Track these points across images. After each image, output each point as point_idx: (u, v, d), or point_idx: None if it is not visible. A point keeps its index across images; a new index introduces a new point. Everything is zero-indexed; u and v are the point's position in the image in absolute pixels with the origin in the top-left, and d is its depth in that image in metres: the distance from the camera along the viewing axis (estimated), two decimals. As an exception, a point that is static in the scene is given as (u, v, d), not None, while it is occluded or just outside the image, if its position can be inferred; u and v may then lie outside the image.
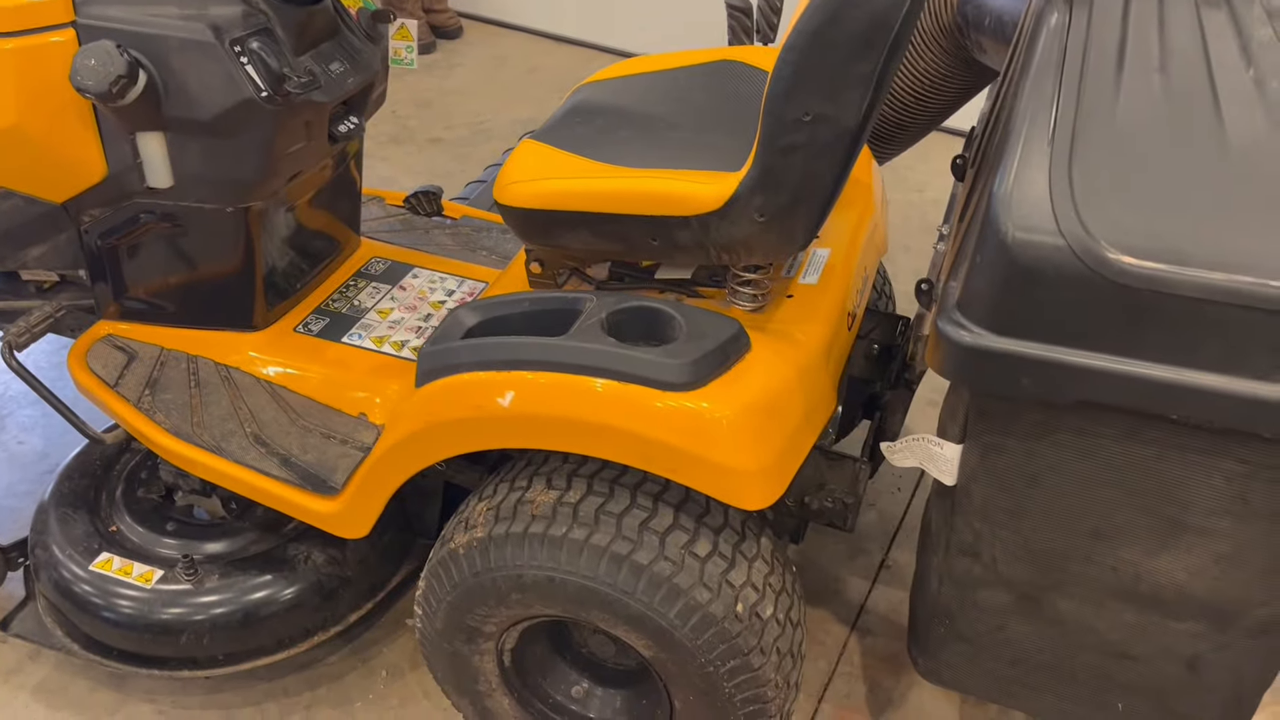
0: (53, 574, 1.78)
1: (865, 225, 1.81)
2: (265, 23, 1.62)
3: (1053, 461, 1.22)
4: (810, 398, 1.47)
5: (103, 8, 1.55)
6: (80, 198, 1.68)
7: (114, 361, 1.82)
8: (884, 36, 1.24)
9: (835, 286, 1.63)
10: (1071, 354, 1.11)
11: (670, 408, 1.34)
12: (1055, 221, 1.07)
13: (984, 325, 1.15)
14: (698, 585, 1.39)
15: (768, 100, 1.29)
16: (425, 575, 1.58)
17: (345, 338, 1.90)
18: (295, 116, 1.65)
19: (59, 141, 1.61)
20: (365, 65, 1.79)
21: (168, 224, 1.73)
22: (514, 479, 1.53)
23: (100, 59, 1.48)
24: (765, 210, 1.36)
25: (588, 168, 1.50)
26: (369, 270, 2.09)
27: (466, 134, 3.80)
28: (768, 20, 1.92)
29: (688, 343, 1.38)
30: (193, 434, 1.73)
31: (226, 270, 1.80)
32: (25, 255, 1.80)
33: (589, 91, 1.75)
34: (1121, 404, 1.13)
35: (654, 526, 1.42)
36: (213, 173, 1.65)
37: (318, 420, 1.76)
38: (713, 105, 1.68)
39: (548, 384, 1.38)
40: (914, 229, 3.31)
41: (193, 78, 1.55)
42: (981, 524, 1.32)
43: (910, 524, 2.27)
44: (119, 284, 1.82)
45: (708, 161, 1.47)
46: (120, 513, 1.86)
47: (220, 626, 1.73)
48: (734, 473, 1.34)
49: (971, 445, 1.26)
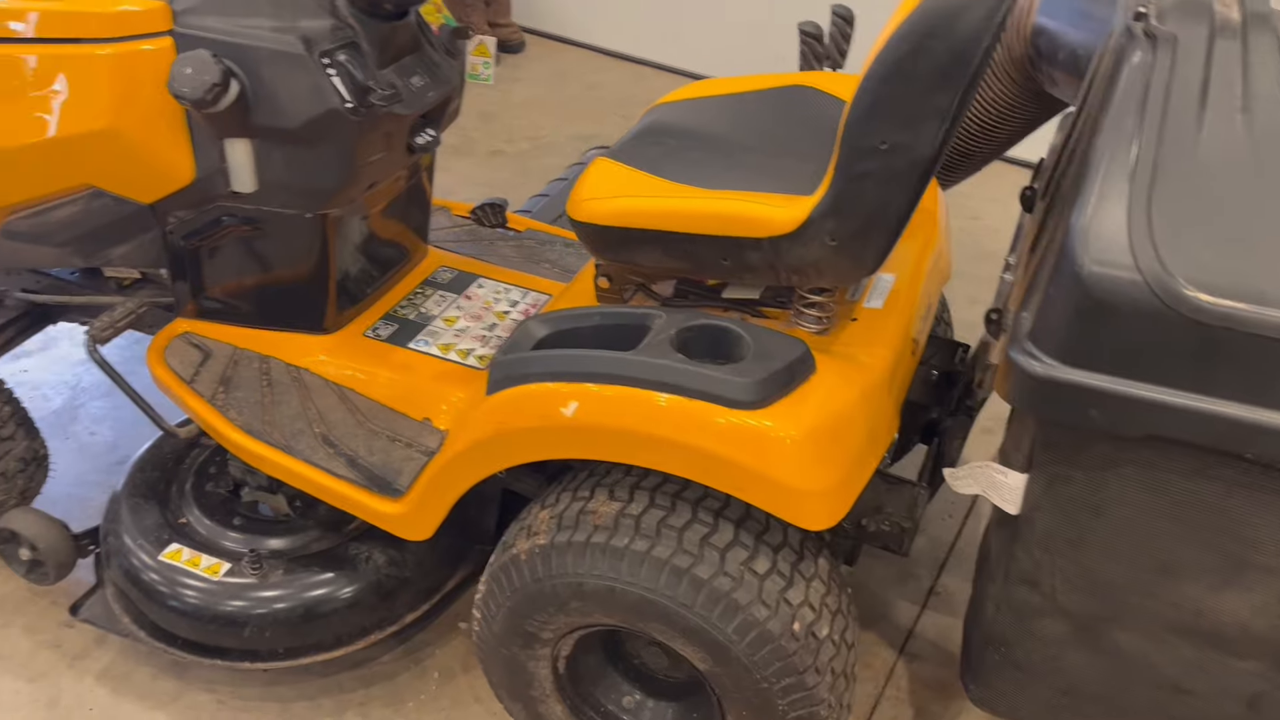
0: (123, 562, 1.84)
1: (930, 252, 1.83)
2: (352, 36, 1.67)
3: (1118, 494, 1.23)
4: (874, 421, 1.49)
5: (200, 18, 1.61)
6: (167, 199, 1.74)
7: (190, 359, 1.87)
8: (963, 70, 1.26)
9: (900, 311, 1.65)
10: (1143, 388, 1.13)
11: (737, 425, 1.36)
12: (1133, 256, 1.08)
13: (1055, 356, 1.16)
14: (756, 602, 1.41)
15: (846, 127, 1.31)
16: (486, 579, 1.61)
17: (412, 344, 1.94)
18: (377, 127, 1.70)
19: (152, 144, 1.67)
20: (444, 79, 1.84)
21: (248, 227, 1.78)
22: (576, 489, 1.56)
23: (197, 67, 1.54)
24: (837, 235, 1.38)
25: (662, 187, 1.53)
26: (436, 279, 2.13)
27: (527, 147, 3.85)
28: (838, 47, 1.94)
29: (755, 362, 1.41)
30: (263, 432, 1.78)
31: (301, 274, 1.85)
32: (111, 253, 1.87)
33: (662, 112, 1.79)
34: (1192, 440, 1.14)
35: (715, 542, 1.44)
36: (295, 179, 1.70)
37: (384, 423, 1.80)
38: (785, 129, 1.70)
39: (617, 397, 1.41)
40: (969, 255, 3.31)
41: (282, 87, 1.61)
42: (1042, 553, 1.33)
43: (961, 550, 2.27)
44: (198, 283, 1.87)
45: (780, 185, 1.50)
46: (190, 505, 1.91)
47: (282, 621, 1.77)
48: (798, 493, 1.36)
49: (1036, 474, 1.27)
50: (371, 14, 1.70)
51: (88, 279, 2.07)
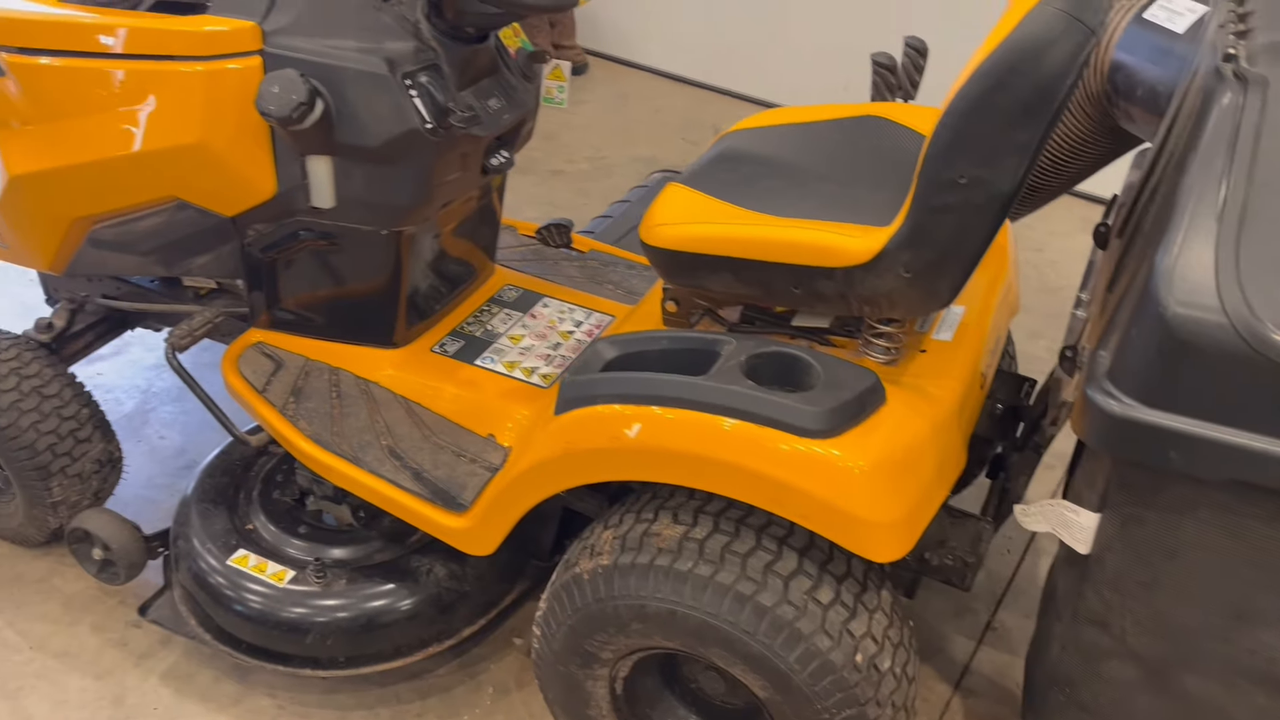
0: (191, 565, 1.88)
1: (1000, 285, 1.82)
2: (434, 59, 1.70)
3: (1195, 538, 1.21)
4: (942, 454, 1.48)
5: (289, 39, 1.66)
6: (248, 213, 1.79)
7: (262, 368, 1.91)
8: (1046, 107, 1.26)
9: (970, 344, 1.64)
10: (1225, 432, 1.11)
11: (806, 453, 1.37)
12: (1219, 298, 1.07)
13: (1134, 396, 1.15)
14: (819, 632, 1.41)
15: (925, 160, 1.32)
16: (547, 597, 1.62)
17: (478, 360, 1.97)
18: (454, 148, 1.73)
19: (237, 160, 1.72)
20: (520, 102, 1.87)
21: (325, 242, 1.83)
22: (640, 510, 1.57)
23: (284, 86, 1.58)
24: (912, 267, 1.38)
25: (736, 214, 1.54)
26: (502, 297, 2.16)
27: (587, 168, 3.89)
28: (910, 78, 1.95)
29: (825, 391, 1.41)
30: (332, 442, 1.81)
31: (374, 289, 1.89)
32: (192, 263, 1.92)
33: (735, 139, 1.80)
34: (1274, 486, 1.12)
35: (779, 570, 1.44)
36: (373, 196, 1.74)
37: (449, 438, 1.83)
38: (857, 159, 1.71)
39: (686, 421, 1.42)
40: (1032, 288, 3.28)
41: (365, 107, 1.65)
42: (1113, 595, 1.31)
43: (1019, 586, 2.25)
44: (273, 295, 1.92)
45: (854, 215, 1.51)
46: (257, 512, 1.95)
47: (343, 630, 1.80)
48: (866, 524, 1.36)
49: (1110, 514, 1.26)
50: (453, 37, 1.74)
51: (166, 287, 2.13)
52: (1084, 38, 1.24)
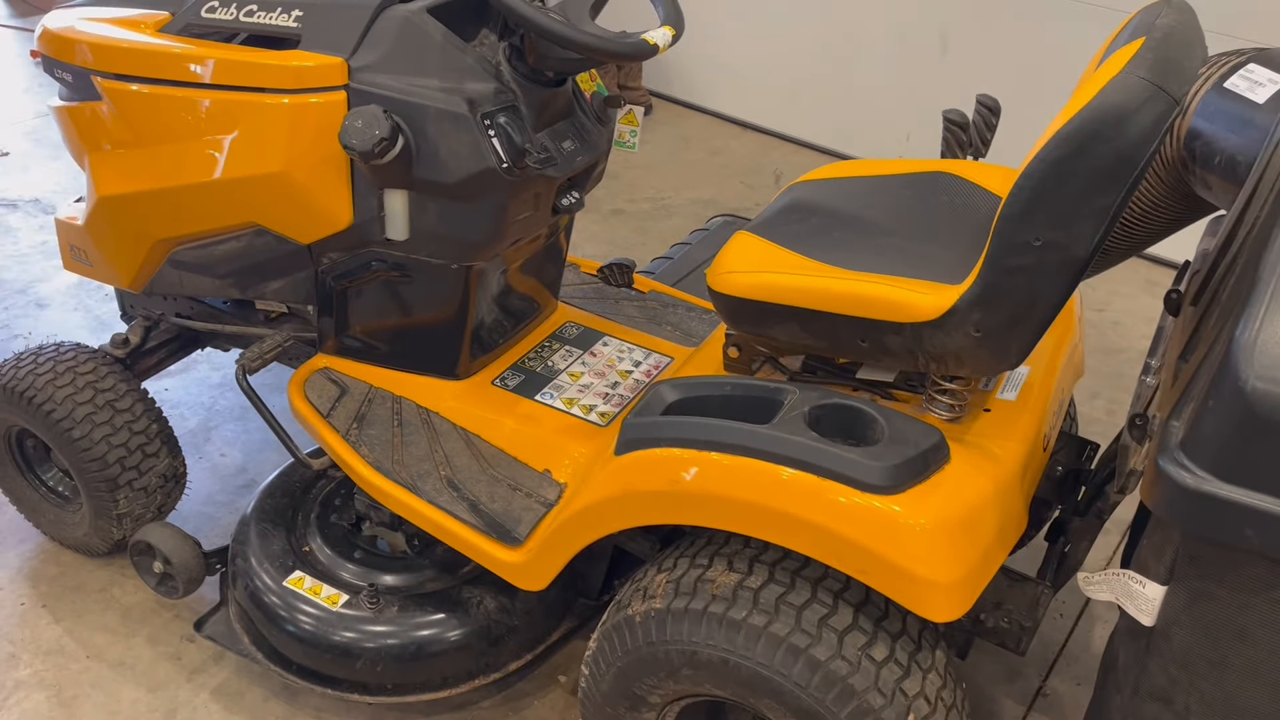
0: (248, 583, 1.91)
1: (1065, 346, 1.80)
2: (513, 100, 1.74)
3: (1267, 618, 1.18)
4: (1004, 515, 1.47)
5: (373, 75, 1.70)
6: (324, 241, 1.83)
7: (328, 393, 1.95)
8: (1126, 174, 1.26)
9: (1034, 405, 1.63)
10: (1305, 511, 1.09)
11: (868, 508, 1.36)
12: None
13: (1209, 469, 1.14)
14: (872, 689, 1.39)
15: (1000, 220, 1.32)
16: (598, 637, 1.62)
17: (538, 396, 1.99)
18: (528, 188, 1.77)
19: (317, 190, 1.76)
20: (594, 145, 1.90)
21: (396, 273, 1.86)
22: (694, 556, 1.57)
23: (367, 121, 1.63)
24: (982, 326, 1.38)
25: (805, 265, 1.55)
26: (563, 334, 2.18)
27: (648, 208, 3.93)
28: (981, 136, 1.95)
29: (889, 446, 1.41)
30: (392, 470, 1.83)
31: (440, 321, 1.92)
32: (266, 287, 1.97)
33: (803, 190, 1.81)
34: (1352, 569, 1.10)
35: (834, 624, 1.43)
36: (446, 231, 1.78)
37: (506, 471, 1.84)
38: (927, 215, 1.71)
39: (747, 469, 1.42)
40: (1093, 349, 3.24)
41: (444, 145, 1.69)
42: (1179, 671, 1.28)
43: (1071, 653, 2.20)
44: (342, 322, 1.96)
45: (923, 271, 1.51)
46: (314, 534, 1.98)
47: (393, 656, 1.82)
48: (926, 583, 1.35)
49: (1177, 589, 1.24)
50: (532, 80, 1.77)
51: (238, 309, 2.18)
52: (1168, 107, 1.23)
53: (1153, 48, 1.27)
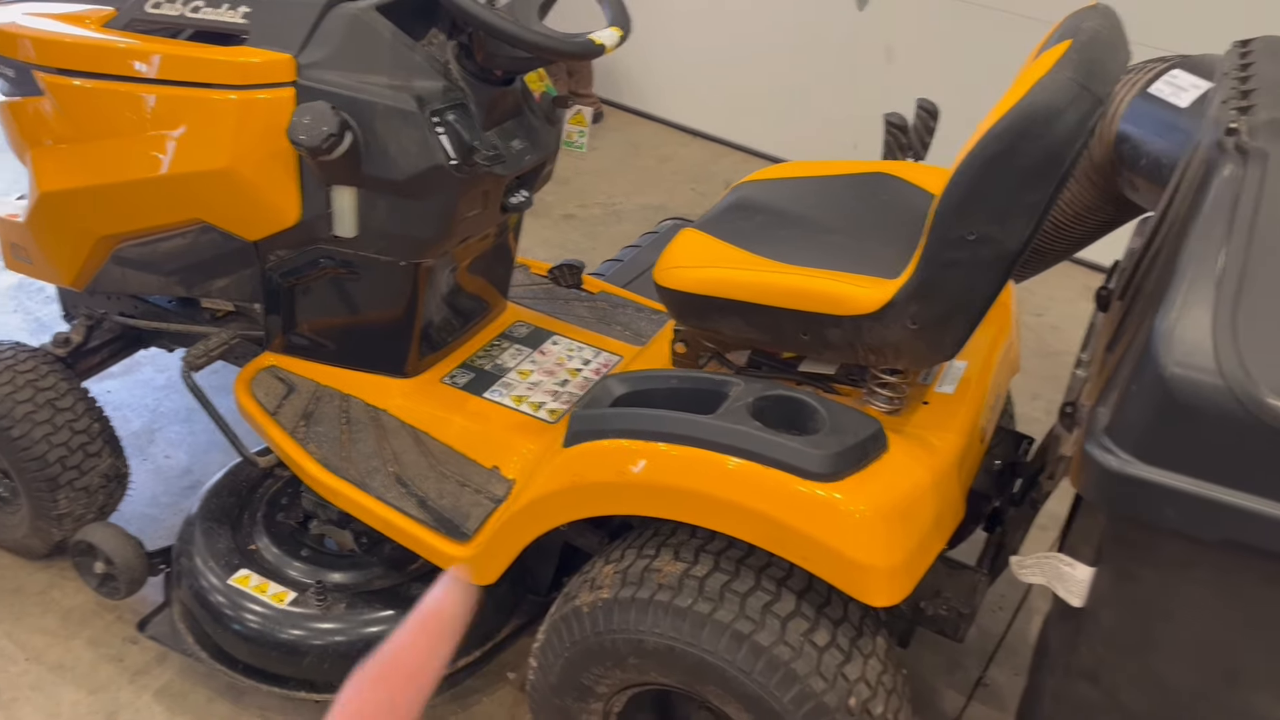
0: (193, 583, 1.89)
1: (1002, 343, 1.85)
2: (462, 98, 1.76)
3: (1189, 597, 1.23)
4: (941, 504, 1.51)
5: (322, 72, 1.71)
6: (272, 238, 1.83)
7: (275, 391, 1.94)
8: (1055, 170, 1.30)
9: (971, 399, 1.68)
10: (1222, 492, 1.14)
11: (808, 495, 1.39)
12: (1216, 361, 1.11)
13: (1132, 452, 1.18)
14: (814, 674, 1.42)
15: (936, 216, 1.36)
16: (545, 629, 1.64)
17: (487, 393, 2.00)
18: (477, 185, 1.78)
19: (264, 186, 1.76)
20: (542, 144, 1.92)
21: (344, 270, 1.87)
22: (642, 546, 1.59)
23: (315, 117, 1.63)
24: (919, 319, 1.42)
25: (749, 260, 1.59)
26: (513, 333, 2.20)
27: (599, 213, 3.95)
28: (921, 139, 2.00)
29: (829, 435, 1.44)
30: (340, 467, 1.83)
31: (389, 318, 1.93)
32: (212, 285, 1.96)
33: (749, 189, 1.85)
34: (1269, 548, 1.14)
35: (777, 610, 1.46)
36: (395, 228, 1.78)
37: (455, 468, 1.85)
38: (868, 214, 1.76)
39: (693, 459, 1.45)
40: (1031, 351, 3.32)
41: (392, 141, 1.70)
42: (1106, 650, 1.33)
43: (1010, 644, 2.25)
44: (290, 320, 1.95)
45: (863, 266, 1.55)
46: (260, 533, 1.97)
47: (341, 654, 1.81)
48: (864, 568, 1.38)
49: (1104, 570, 1.28)
50: (481, 79, 1.79)
51: (183, 308, 2.17)
52: (1092, 106, 1.29)
53: (1079, 49, 1.32)
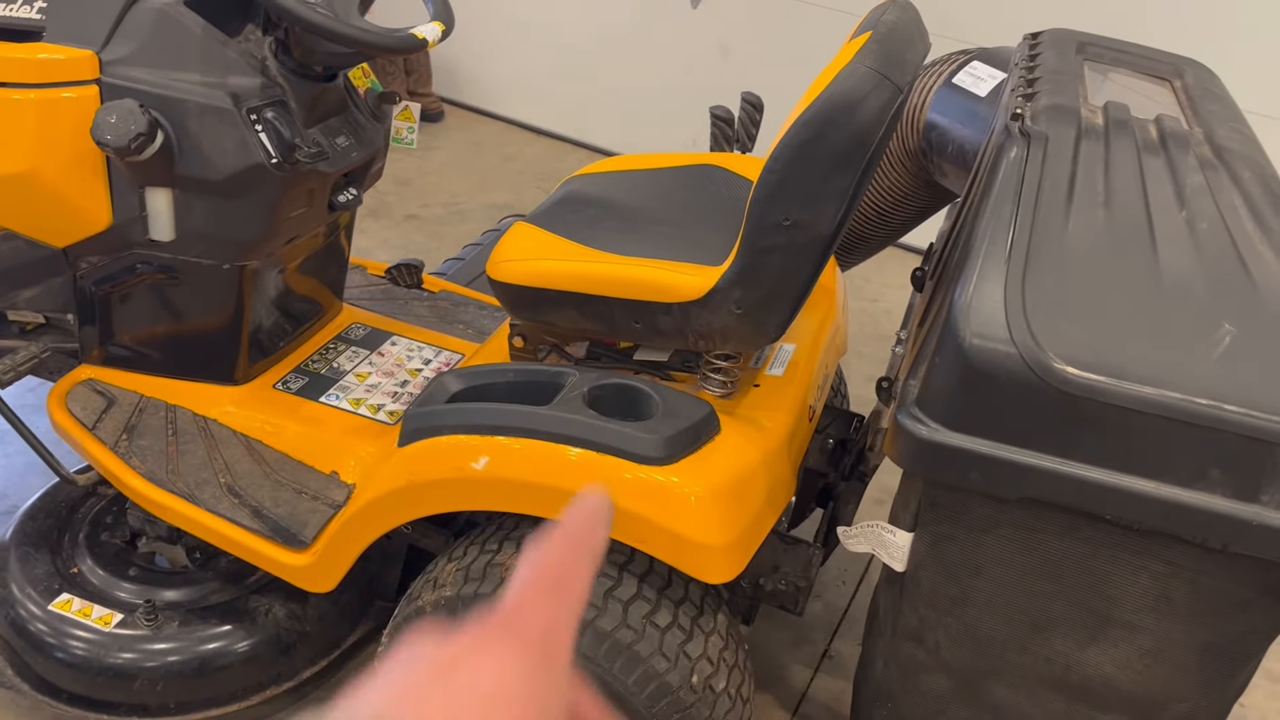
0: (9, 612, 1.78)
1: (828, 326, 1.93)
2: (280, 95, 1.71)
3: (997, 554, 1.32)
4: (773, 482, 1.56)
5: (128, 69, 1.64)
6: (81, 244, 1.74)
7: (93, 405, 1.85)
8: (861, 154, 1.37)
9: (799, 380, 1.74)
10: (1017, 453, 1.22)
11: (643, 480, 1.42)
12: (1008, 331, 1.19)
13: (939, 421, 1.25)
14: (656, 654, 1.45)
15: (752, 204, 1.41)
16: (389, 632, 1.62)
17: (323, 398, 1.96)
18: (300, 184, 1.74)
19: (69, 190, 1.67)
20: (369, 141, 1.89)
21: (163, 275, 1.79)
22: (484, 542, 1.58)
23: (121, 116, 1.56)
24: (742, 303, 1.47)
25: (579, 251, 1.60)
26: (349, 335, 2.15)
27: (442, 213, 3.91)
28: (747, 131, 2.07)
29: (663, 420, 1.47)
30: (167, 480, 1.76)
31: (215, 324, 1.86)
32: (17, 296, 1.85)
33: (580, 183, 1.87)
34: (1061, 502, 1.24)
35: (618, 595, 1.48)
36: (215, 230, 1.72)
37: (291, 475, 1.80)
38: (695, 204, 1.80)
39: (529, 450, 1.46)
40: (867, 336, 3.46)
41: (208, 140, 1.64)
42: (927, 610, 1.41)
43: (853, 615, 2.35)
44: (106, 330, 1.86)
45: (690, 255, 1.59)
46: (83, 555, 1.87)
47: (175, 674, 1.74)
48: (700, 547, 1.42)
49: (922, 534, 1.35)
50: (301, 75, 1.75)
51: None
52: (892, 94, 1.35)
53: (879, 40, 1.39)
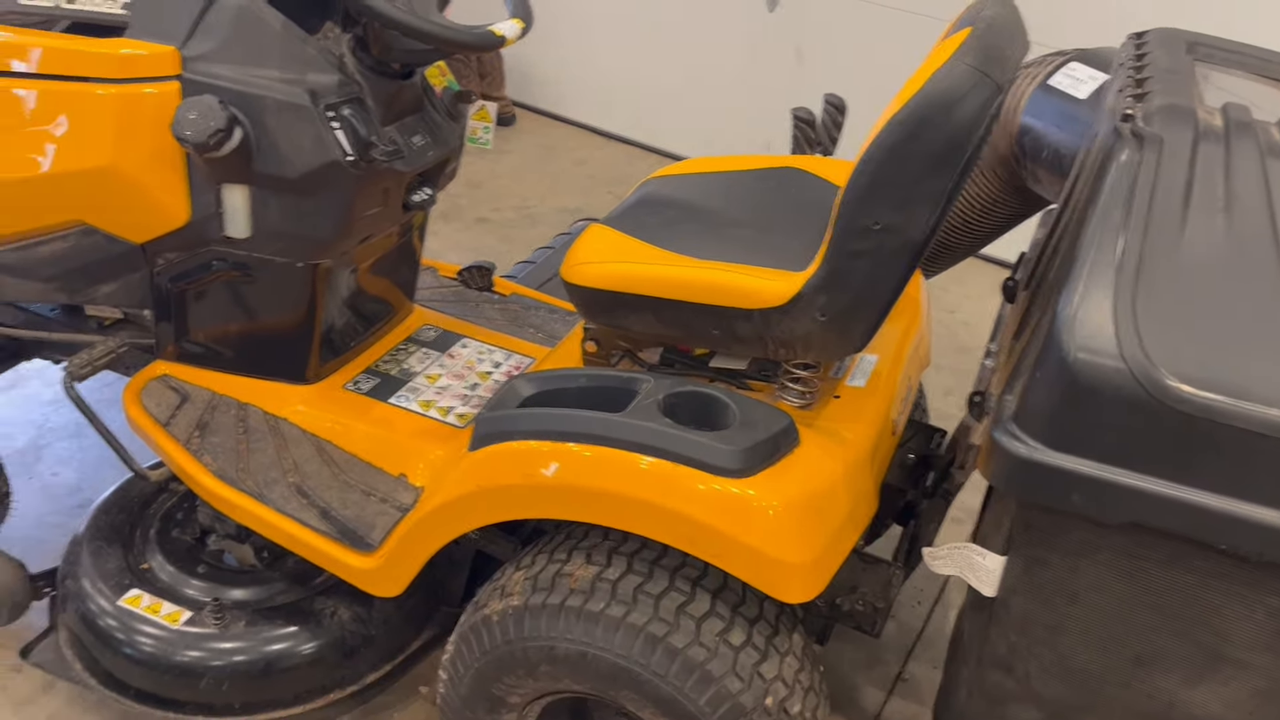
0: (80, 606, 1.79)
1: (912, 336, 1.86)
2: (358, 92, 1.70)
3: (1096, 580, 1.24)
4: (854, 498, 1.50)
5: (209, 65, 1.63)
6: (159, 240, 1.74)
7: (167, 401, 1.85)
8: (957, 157, 1.30)
9: (882, 392, 1.67)
10: (1124, 475, 1.14)
11: (720, 492, 1.37)
12: (1118, 345, 1.11)
13: (1038, 439, 1.18)
14: (730, 674, 1.40)
15: (841, 206, 1.35)
16: (455, 639, 1.58)
17: (393, 399, 1.94)
18: (376, 182, 1.72)
19: (149, 185, 1.68)
20: (444, 141, 1.87)
21: (238, 273, 1.79)
22: (553, 551, 1.55)
23: (201, 112, 1.56)
24: (827, 310, 1.41)
25: (657, 255, 1.56)
26: (420, 336, 2.13)
27: (513, 216, 3.90)
28: (829, 133, 2.00)
29: (740, 431, 1.42)
30: (237, 479, 1.75)
31: (287, 323, 1.85)
32: (96, 291, 1.86)
33: (657, 185, 1.82)
34: (1169, 529, 1.15)
35: (691, 611, 1.43)
36: (290, 228, 1.71)
37: (359, 477, 1.78)
38: (776, 207, 1.74)
39: (602, 458, 1.41)
40: (945, 348, 3.36)
41: (285, 137, 1.63)
42: (1018, 638, 1.33)
43: (929, 637, 2.26)
44: (182, 326, 1.86)
45: (771, 260, 1.53)
46: (153, 551, 1.87)
47: (240, 674, 1.73)
48: (778, 564, 1.36)
49: (1015, 557, 1.28)
50: (378, 73, 1.73)
51: (67, 316, 2.05)
52: (992, 93, 1.29)
53: (978, 37, 1.32)
